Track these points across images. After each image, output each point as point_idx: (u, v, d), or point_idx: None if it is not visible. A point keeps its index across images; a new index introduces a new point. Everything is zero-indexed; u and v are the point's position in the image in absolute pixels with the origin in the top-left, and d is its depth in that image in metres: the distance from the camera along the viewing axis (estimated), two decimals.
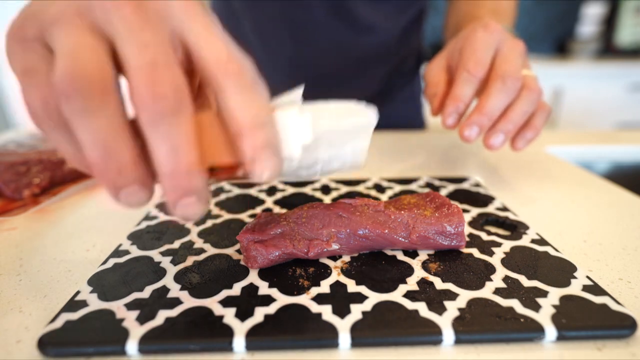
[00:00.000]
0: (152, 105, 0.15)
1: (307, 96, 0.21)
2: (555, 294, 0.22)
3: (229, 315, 0.20)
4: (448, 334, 0.19)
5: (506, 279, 0.23)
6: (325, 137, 0.20)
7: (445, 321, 0.20)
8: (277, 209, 0.34)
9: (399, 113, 0.70)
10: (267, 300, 0.21)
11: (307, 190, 0.38)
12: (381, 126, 0.69)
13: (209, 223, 0.31)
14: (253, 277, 0.24)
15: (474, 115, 0.34)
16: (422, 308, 0.21)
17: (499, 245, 0.27)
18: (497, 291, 0.22)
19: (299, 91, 0.21)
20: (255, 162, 0.17)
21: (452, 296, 0.22)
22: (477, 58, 0.35)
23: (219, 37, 0.17)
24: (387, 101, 0.68)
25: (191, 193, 0.17)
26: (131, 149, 0.16)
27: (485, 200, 0.35)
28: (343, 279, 0.23)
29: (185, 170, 0.16)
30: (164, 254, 0.27)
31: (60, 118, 0.16)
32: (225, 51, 0.17)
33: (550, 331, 0.19)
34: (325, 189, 0.38)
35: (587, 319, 0.20)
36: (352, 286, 0.23)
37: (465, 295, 0.22)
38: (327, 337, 0.19)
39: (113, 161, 0.16)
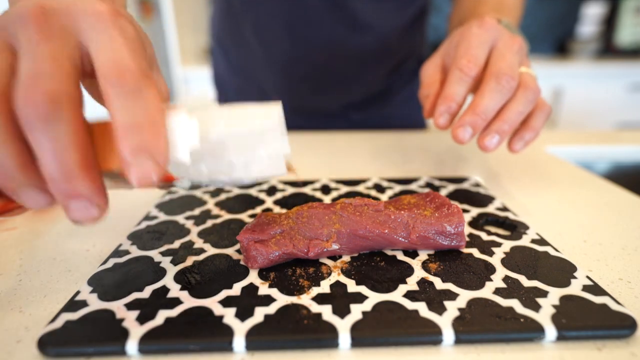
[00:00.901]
0: (26, 110, 0.16)
1: (307, 94, 0.21)
2: (555, 294, 0.22)
3: (229, 315, 0.20)
4: (448, 334, 0.19)
5: (506, 279, 0.23)
6: (230, 141, 0.20)
7: (445, 321, 0.20)
8: (277, 209, 0.34)
9: (400, 113, 0.70)
10: (267, 300, 0.21)
11: (307, 190, 0.38)
12: (382, 126, 0.69)
13: (209, 223, 0.31)
14: (253, 277, 0.24)
15: (466, 116, 0.32)
16: (422, 308, 0.21)
17: (499, 245, 0.27)
18: (497, 291, 0.22)
19: (207, 95, 0.21)
20: (129, 165, 0.17)
21: (452, 296, 0.22)
22: (471, 55, 0.34)
23: (111, 44, 0.18)
24: (387, 101, 0.68)
25: (77, 197, 0.17)
26: (14, 153, 0.17)
27: (485, 200, 0.35)
28: (343, 279, 0.23)
29: (65, 174, 0.17)
30: (164, 254, 0.27)
31: None
32: (111, 57, 0.18)
33: (550, 331, 0.19)
34: (325, 189, 0.38)
35: (587, 319, 0.20)
36: (352, 286, 0.23)
37: (465, 295, 0.22)
38: (327, 337, 0.19)
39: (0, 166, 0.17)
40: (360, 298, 0.22)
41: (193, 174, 0.21)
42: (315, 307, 0.21)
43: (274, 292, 0.22)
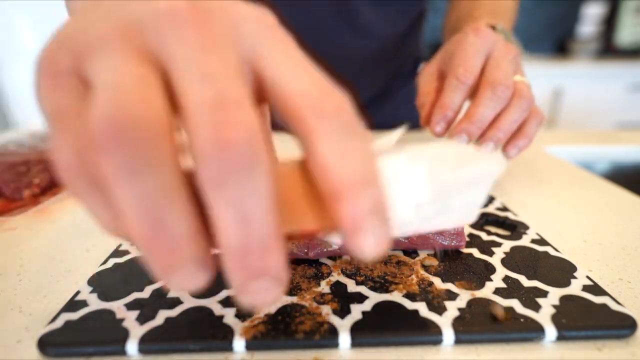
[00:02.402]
0: (219, 157, 0.11)
1: None
2: (555, 294, 0.22)
3: (229, 315, 0.20)
4: (448, 334, 0.19)
5: (506, 279, 0.23)
6: (437, 190, 0.15)
7: (445, 321, 0.20)
8: None
9: (398, 114, 0.71)
10: None
11: None
12: (379, 127, 0.69)
13: None
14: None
15: (462, 124, 0.33)
16: (422, 308, 0.21)
17: (499, 245, 0.27)
18: (497, 291, 0.22)
19: (400, 130, 0.17)
20: (359, 234, 0.13)
21: (452, 296, 0.22)
22: (467, 64, 0.34)
23: (305, 66, 0.14)
24: (385, 103, 0.69)
25: (265, 274, 0.13)
26: (189, 219, 0.12)
27: (485, 200, 0.35)
28: (343, 279, 0.23)
29: (259, 246, 0.12)
30: None
31: (97, 176, 0.12)
32: (318, 85, 0.13)
33: (550, 331, 0.19)
34: None
35: (587, 319, 0.20)
36: (352, 286, 0.23)
37: (465, 295, 0.22)
38: (327, 337, 0.19)
39: (164, 235, 0.12)
40: (360, 298, 0.22)
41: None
42: (315, 307, 0.21)
43: None
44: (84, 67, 0.12)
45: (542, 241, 0.28)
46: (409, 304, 0.21)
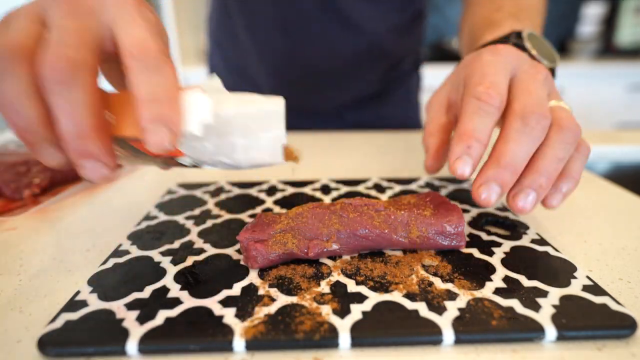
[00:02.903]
0: (47, 73, 0.18)
1: (300, 94, 0.21)
2: (555, 294, 0.22)
3: (229, 315, 0.20)
4: (448, 334, 0.19)
5: (506, 279, 0.23)
6: (236, 122, 0.22)
7: (445, 321, 0.20)
8: (277, 209, 0.34)
9: (395, 113, 0.70)
10: (267, 300, 0.21)
11: (307, 190, 0.38)
12: (376, 126, 0.69)
13: (209, 223, 0.31)
14: (253, 277, 0.24)
15: (490, 169, 0.25)
16: (422, 308, 0.21)
17: (499, 245, 0.27)
18: (497, 291, 0.22)
19: (216, 78, 0.23)
20: (147, 133, 0.19)
21: (452, 296, 0.22)
22: (489, 82, 0.27)
23: (136, 26, 0.20)
24: (382, 101, 0.68)
25: (88, 155, 0.20)
26: (35, 110, 0.19)
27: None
28: (343, 279, 0.23)
29: (79, 134, 0.19)
30: (164, 254, 0.27)
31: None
32: (136, 36, 0.20)
33: (550, 331, 0.19)
34: (325, 189, 0.38)
35: (587, 319, 0.20)
36: (352, 286, 0.23)
37: (465, 295, 0.22)
38: (327, 337, 0.19)
39: (22, 119, 0.20)
40: (360, 298, 0.22)
41: (198, 151, 0.22)
42: (315, 307, 0.21)
43: (274, 292, 0.22)
44: (4, 27, 0.20)
45: (542, 241, 0.28)
46: (409, 304, 0.21)
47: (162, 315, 0.20)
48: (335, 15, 0.58)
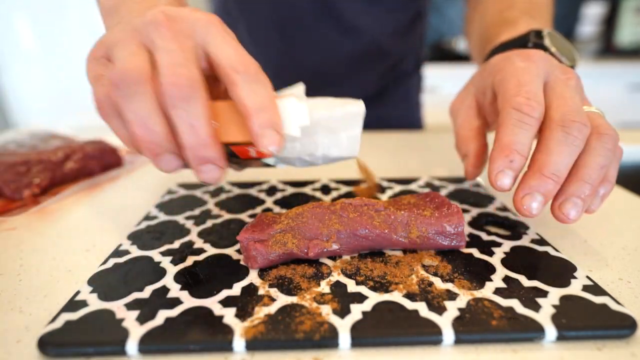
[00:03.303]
0: (171, 91, 0.21)
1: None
2: (555, 294, 0.22)
3: (229, 315, 0.20)
4: (448, 334, 0.19)
5: (506, 279, 0.23)
6: (321, 124, 0.25)
7: (445, 321, 0.20)
8: (277, 209, 0.34)
9: (395, 114, 0.70)
10: (267, 300, 0.21)
11: (307, 190, 0.38)
12: (374, 127, 0.68)
13: (209, 223, 0.31)
14: (253, 277, 0.24)
15: (532, 179, 0.24)
16: (422, 308, 0.21)
17: (499, 245, 0.27)
18: (497, 291, 0.22)
19: (300, 86, 0.26)
20: (260, 137, 0.22)
21: (452, 296, 0.22)
22: (527, 92, 0.26)
23: (231, 45, 0.23)
24: (381, 102, 0.68)
25: (208, 161, 0.23)
26: (162, 125, 0.22)
27: (485, 200, 0.35)
28: (343, 279, 0.23)
29: (200, 143, 0.22)
30: (164, 254, 0.27)
31: (115, 105, 0.22)
32: (234, 54, 0.23)
33: (550, 331, 0.19)
34: (325, 189, 0.38)
35: (587, 319, 0.20)
36: (352, 286, 0.23)
37: (465, 295, 0.22)
38: (327, 337, 0.19)
39: (150, 134, 0.22)
40: (360, 298, 0.22)
41: (285, 151, 0.26)
42: (315, 307, 0.21)
43: (274, 292, 0.22)
44: (109, 53, 0.23)
45: (542, 241, 0.28)
46: (409, 304, 0.21)
47: (162, 315, 0.20)
48: (333, 18, 0.58)
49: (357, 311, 0.20)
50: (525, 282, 0.23)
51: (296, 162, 0.27)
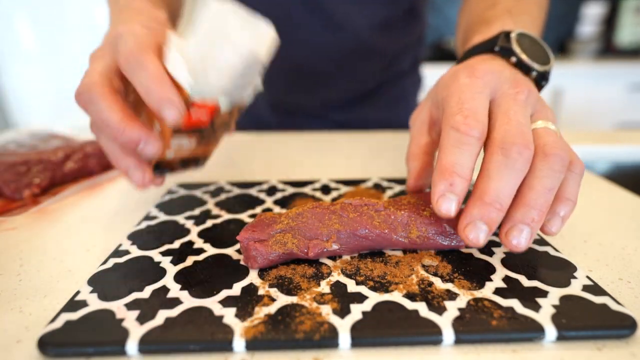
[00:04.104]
0: (77, 100, 0.28)
1: (285, 92, 0.24)
2: (555, 294, 0.22)
3: (229, 315, 0.20)
4: (448, 334, 0.19)
5: (506, 279, 0.23)
6: (205, 44, 0.27)
7: (445, 321, 0.20)
8: (277, 209, 0.34)
9: (389, 114, 0.69)
10: (267, 300, 0.21)
11: (307, 190, 0.38)
12: (369, 126, 0.68)
13: (209, 223, 0.31)
14: (253, 277, 0.24)
15: (474, 208, 0.23)
16: (422, 308, 0.21)
17: (499, 245, 0.27)
18: (497, 291, 0.22)
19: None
20: (161, 113, 0.26)
21: (452, 296, 0.22)
22: (467, 110, 0.25)
23: (126, 46, 0.27)
24: (373, 102, 0.67)
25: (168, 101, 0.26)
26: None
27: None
28: (343, 279, 0.23)
29: (158, 86, 0.26)
30: (164, 254, 0.27)
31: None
32: (125, 52, 0.27)
33: (550, 331, 0.19)
34: (325, 189, 0.38)
35: (587, 319, 0.20)
36: (352, 286, 0.23)
37: (465, 295, 0.22)
38: (327, 337, 0.19)
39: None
40: (360, 298, 0.22)
41: (203, 86, 0.28)
42: (315, 307, 0.21)
43: (274, 292, 0.22)
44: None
45: (542, 241, 0.28)
46: (409, 304, 0.21)
47: (162, 315, 0.20)
48: (317, 13, 0.57)
49: (357, 311, 0.20)
50: (525, 282, 0.23)
51: (212, 88, 0.28)
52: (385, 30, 0.61)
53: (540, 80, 0.30)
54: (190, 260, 0.26)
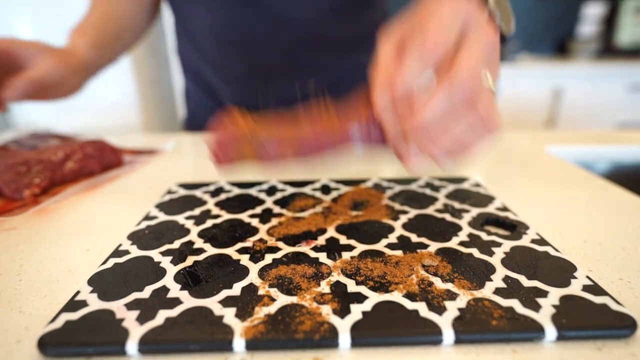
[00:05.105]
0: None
1: (244, 92, 0.23)
2: (555, 294, 0.22)
3: (229, 315, 0.20)
4: (448, 334, 0.19)
5: (506, 279, 0.23)
6: None
7: (445, 321, 0.20)
8: (277, 209, 0.34)
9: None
10: (267, 300, 0.21)
11: (307, 190, 0.38)
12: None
13: (209, 223, 0.31)
14: (253, 277, 0.24)
15: (408, 123, 0.25)
16: (422, 308, 0.21)
17: (499, 245, 0.27)
18: (497, 291, 0.22)
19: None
20: None
21: (452, 296, 0.22)
22: (439, 33, 0.25)
23: None
24: (339, 94, 0.66)
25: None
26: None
27: (485, 200, 0.35)
28: (343, 279, 0.23)
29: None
30: (164, 254, 0.27)
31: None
32: None
33: (550, 331, 0.19)
34: (325, 189, 0.38)
35: (587, 319, 0.20)
36: (352, 286, 0.23)
37: (465, 295, 0.22)
38: (327, 337, 0.19)
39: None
40: (360, 298, 0.22)
41: None
42: (315, 307, 0.21)
43: (274, 292, 0.22)
44: None
45: (542, 241, 0.28)
46: (409, 304, 0.21)
47: (162, 315, 0.20)
48: (259, 10, 0.56)
49: (357, 311, 0.20)
50: (525, 282, 0.23)
51: None
52: (335, 17, 0.59)
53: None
54: (190, 260, 0.26)
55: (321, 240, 0.28)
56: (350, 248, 0.27)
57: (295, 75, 0.62)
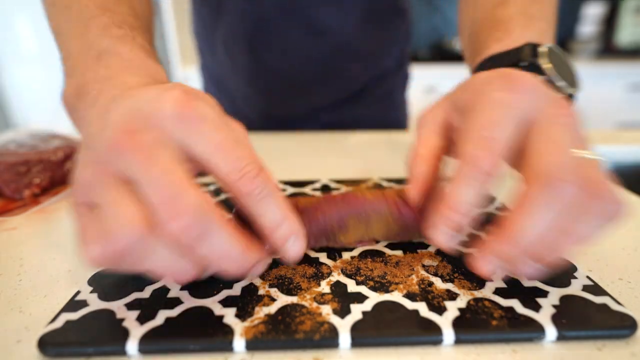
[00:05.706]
0: (183, 237, 0.18)
1: (274, 102, 0.21)
2: (555, 294, 0.22)
3: (229, 315, 0.20)
4: (448, 334, 0.19)
5: (506, 279, 0.23)
6: None
7: (445, 321, 0.20)
8: None
9: (373, 113, 0.68)
10: (268, 300, 0.21)
11: (307, 190, 0.38)
12: (358, 126, 0.67)
13: None
14: (253, 277, 0.24)
15: (500, 244, 0.20)
16: (422, 308, 0.21)
17: None
18: (497, 291, 0.22)
19: None
20: (284, 252, 0.22)
21: (452, 296, 0.22)
22: (489, 139, 0.21)
23: (215, 145, 0.20)
24: (360, 102, 0.66)
25: (254, 264, 0.21)
26: (191, 263, 0.20)
27: (485, 200, 0.35)
28: (343, 279, 0.23)
29: (239, 265, 0.20)
30: None
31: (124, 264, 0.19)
32: (224, 159, 0.20)
33: (550, 331, 0.19)
34: (325, 189, 0.38)
35: (587, 319, 0.20)
36: (352, 286, 0.23)
37: (465, 295, 0.22)
38: (327, 337, 0.19)
39: (182, 275, 0.20)
40: (360, 298, 0.22)
41: None
42: (315, 307, 0.21)
43: (274, 292, 0.22)
44: (90, 200, 0.20)
45: None
46: (409, 304, 0.21)
47: (162, 315, 0.20)
48: (298, 20, 0.57)
49: (357, 311, 0.20)
50: (525, 282, 0.23)
51: None
52: (368, 27, 0.60)
53: None
54: None
55: None
56: (350, 248, 0.27)
57: (326, 84, 0.63)
